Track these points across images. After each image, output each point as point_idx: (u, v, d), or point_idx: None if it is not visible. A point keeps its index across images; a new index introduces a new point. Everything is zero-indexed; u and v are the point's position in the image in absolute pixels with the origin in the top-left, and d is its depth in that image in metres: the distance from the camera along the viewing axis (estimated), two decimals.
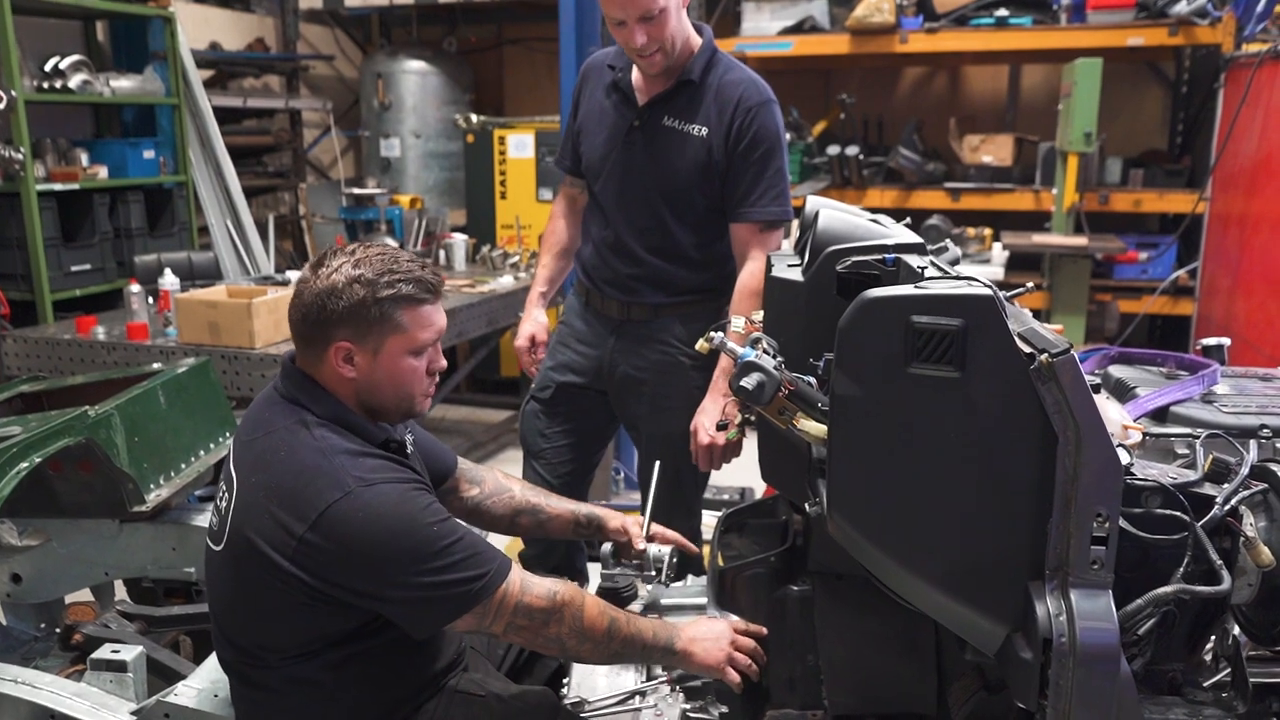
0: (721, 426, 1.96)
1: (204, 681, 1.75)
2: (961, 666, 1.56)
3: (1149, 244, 5.44)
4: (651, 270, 2.45)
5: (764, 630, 1.74)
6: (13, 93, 4.47)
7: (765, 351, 1.36)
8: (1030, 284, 1.51)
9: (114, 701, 1.76)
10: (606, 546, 1.93)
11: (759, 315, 1.76)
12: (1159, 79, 6.15)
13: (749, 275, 2.35)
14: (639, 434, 2.62)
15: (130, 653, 1.81)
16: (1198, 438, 1.37)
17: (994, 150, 5.71)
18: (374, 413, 1.58)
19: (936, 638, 1.66)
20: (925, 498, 1.15)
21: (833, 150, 5.66)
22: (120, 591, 2.64)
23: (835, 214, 1.59)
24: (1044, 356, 1.06)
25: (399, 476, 1.50)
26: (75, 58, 4.93)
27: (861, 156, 5.68)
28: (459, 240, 5.30)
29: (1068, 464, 1.07)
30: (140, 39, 5.45)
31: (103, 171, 5.05)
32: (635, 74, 2.41)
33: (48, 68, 4.85)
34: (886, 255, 1.47)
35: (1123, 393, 1.64)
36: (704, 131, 2.33)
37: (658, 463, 2.00)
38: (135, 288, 3.58)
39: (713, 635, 1.66)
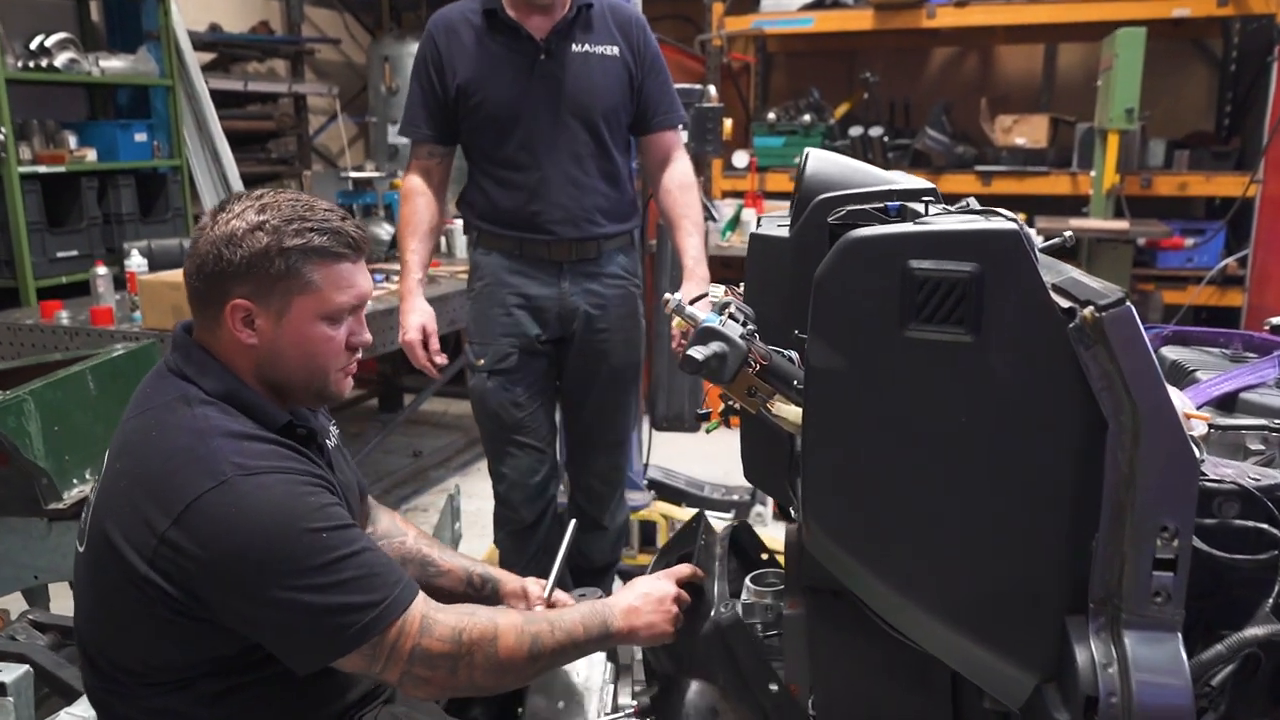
0: (703, 417, 1.68)
1: (90, 709, 1.51)
2: (982, 714, 1.28)
3: (1195, 230, 5.09)
4: (603, 197, 2.47)
5: (700, 571, 1.53)
6: None
7: (732, 318, 1.08)
8: (1069, 232, 1.22)
9: None
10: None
11: (741, 287, 1.49)
12: (1205, 57, 5.79)
13: (683, 172, 2.55)
14: (592, 383, 2.59)
15: (11, 674, 1.56)
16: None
17: (1028, 131, 5.38)
18: (280, 391, 1.32)
19: (954, 672, 1.38)
20: (927, 502, 0.87)
21: (855, 132, 5.36)
22: (65, 596, 2.42)
23: (828, 157, 1.31)
24: (1088, 311, 0.78)
25: (292, 468, 1.23)
26: (61, 35, 4.72)
27: (886, 139, 5.37)
28: (460, 226, 5.06)
29: (1121, 458, 0.79)
30: (134, 18, 5.25)
31: (91, 154, 4.85)
32: (511, 13, 2.39)
33: (33, 46, 4.65)
34: (889, 203, 1.19)
35: (1179, 376, 1.35)
36: (615, 51, 2.43)
37: (574, 521, 1.78)
38: (102, 270, 3.36)
39: (654, 599, 1.44)
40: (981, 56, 6.34)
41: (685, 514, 3.54)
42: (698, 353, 1.00)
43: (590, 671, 1.69)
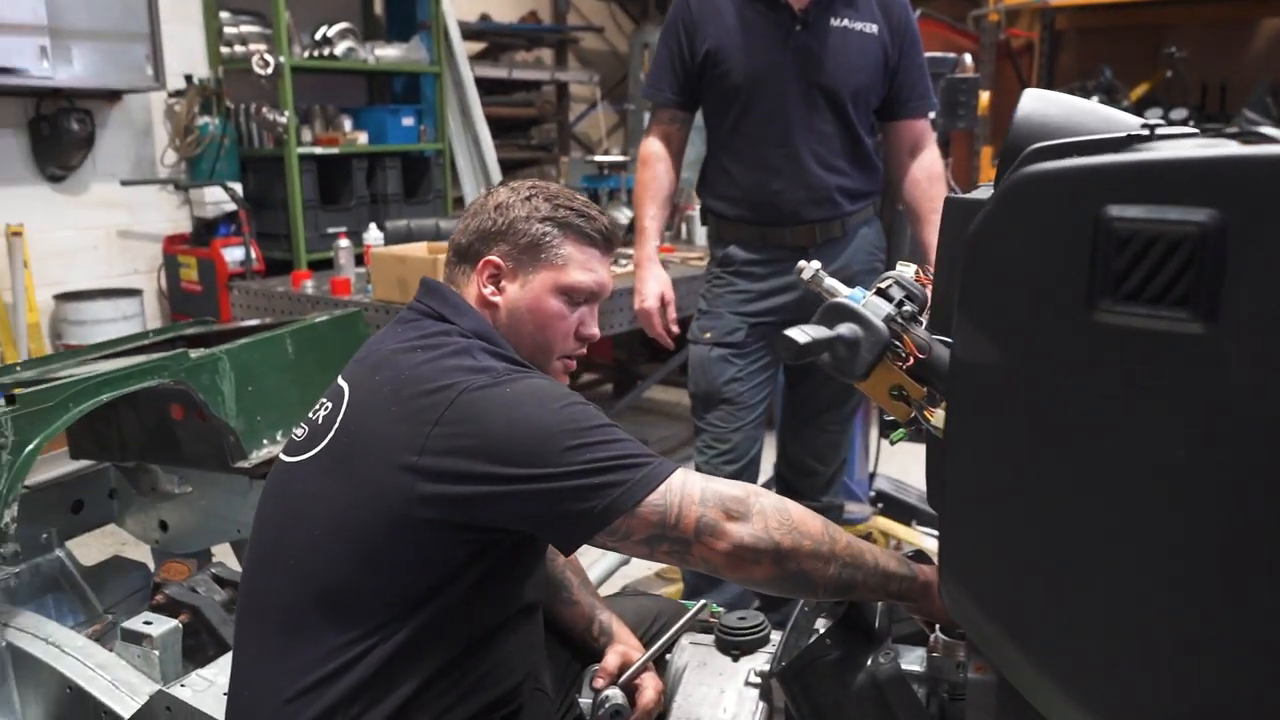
0: (890, 425, 1.40)
1: (223, 672, 1.48)
2: None
3: None
4: (847, 178, 2.36)
5: None
6: (280, 59, 4.63)
7: (882, 294, 0.82)
8: None
9: (137, 680, 1.53)
10: (591, 667, 1.51)
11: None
12: None
13: (932, 162, 2.43)
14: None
15: (160, 627, 1.57)
16: None
17: None
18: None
19: None
20: (1118, 569, 0.58)
21: (1153, 115, 4.67)
22: None
23: (1049, 97, 1.00)
24: None
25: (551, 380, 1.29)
26: (342, 25, 5.06)
27: (1191, 123, 4.64)
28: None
29: None
30: (411, 8, 5.55)
31: (363, 137, 5.16)
32: None
33: (318, 36, 5.01)
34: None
35: None
36: (874, 29, 2.30)
37: (703, 601, 1.59)
38: (343, 243, 3.51)
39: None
40: None
41: (911, 534, 3.17)
42: (800, 334, 0.75)
43: (739, 710, 1.47)
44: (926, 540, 3.03)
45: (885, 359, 0.79)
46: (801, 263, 0.96)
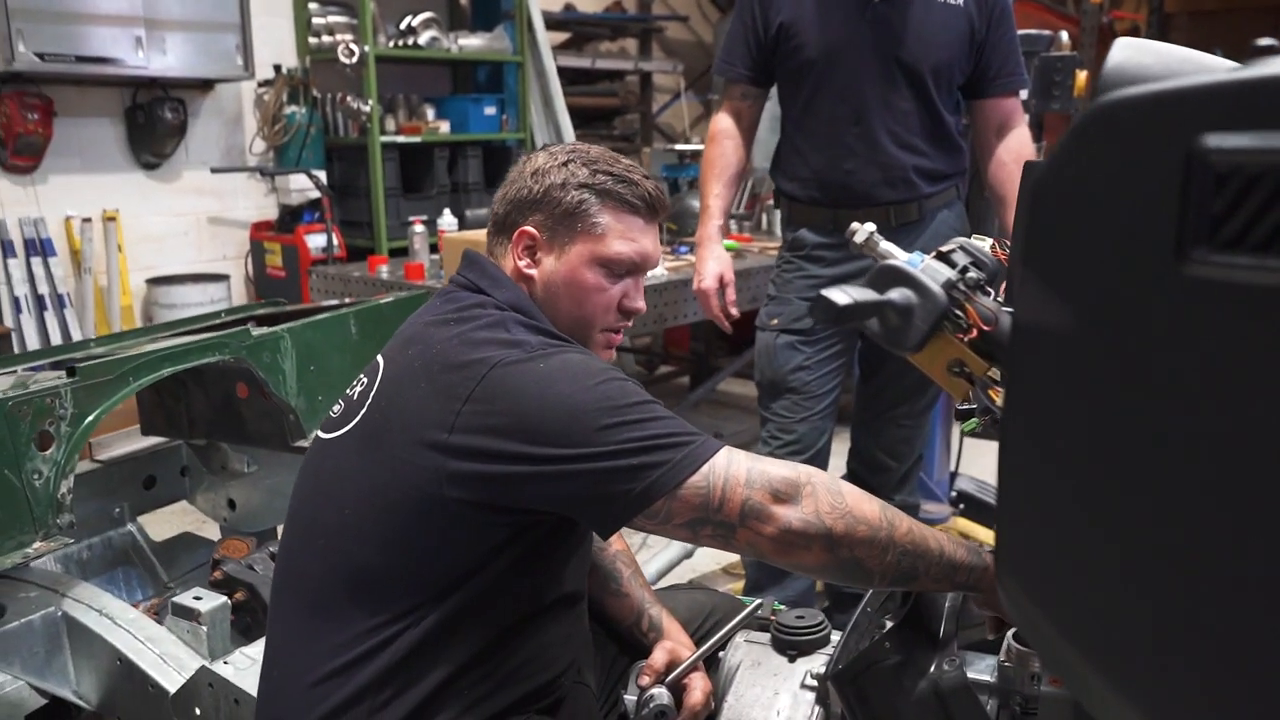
0: (963, 414, 1.29)
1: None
2: None
3: None
4: (925, 158, 2.25)
5: None
6: (365, 48, 4.68)
7: (942, 257, 0.74)
8: None
9: (185, 655, 1.53)
10: (638, 664, 1.45)
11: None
12: None
13: (1021, 143, 2.31)
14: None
15: (209, 603, 1.56)
16: None
17: None
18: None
19: None
20: (1209, 571, 0.49)
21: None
22: None
23: (1144, 46, 0.89)
24: None
25: (586, 351, 1.22)
26: (427, 15, 5.10)
27: None
28: None
29: None
30: None
31: (444, 126, 5.19)
32: None
33: (403, 25, 5.05)
34: None
35: None
36: (960, 1, 2.18)
37: (759, 599, 1.52)
38: (418, 228, 3.52)
39: None
40: None
41: (993, 537, 3.02)
42: (841, 295, 0.66)
43: (794, 713, 1.38)
44: None
45: (944, 330, 0.70)
46: (854, 224, 0.87)
